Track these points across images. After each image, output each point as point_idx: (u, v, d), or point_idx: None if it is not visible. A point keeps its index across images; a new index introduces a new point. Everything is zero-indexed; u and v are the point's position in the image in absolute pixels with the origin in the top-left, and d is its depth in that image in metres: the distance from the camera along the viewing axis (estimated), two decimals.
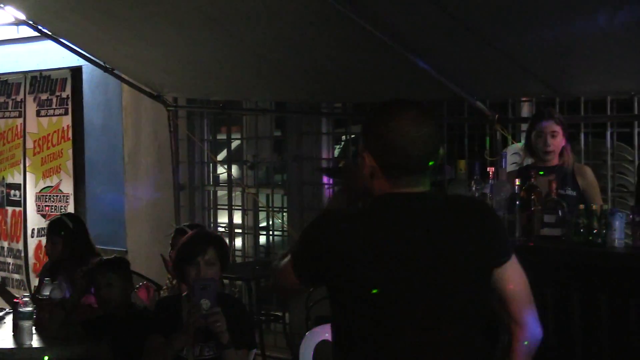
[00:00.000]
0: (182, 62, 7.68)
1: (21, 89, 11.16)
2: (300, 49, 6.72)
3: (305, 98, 8.34)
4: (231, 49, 7.05)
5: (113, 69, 8.31)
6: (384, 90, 7.24)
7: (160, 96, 8.51)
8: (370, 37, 5.89)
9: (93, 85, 10.09)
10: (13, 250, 11.34)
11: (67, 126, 10.56)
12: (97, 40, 7.85)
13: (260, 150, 9.53)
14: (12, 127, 11.30)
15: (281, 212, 9.45)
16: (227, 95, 8.54)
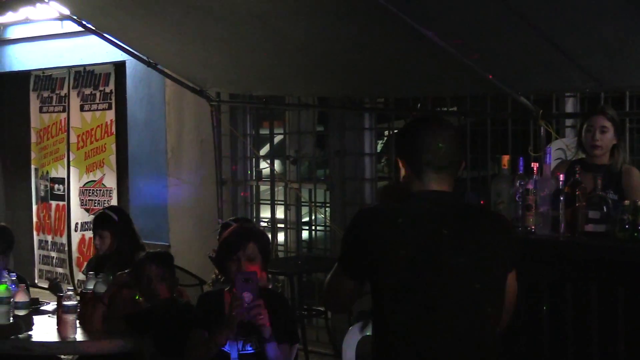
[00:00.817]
0: (225, 58, 7.69)
1: (65, 84, 11.23)
2: (343, 44, 6.70)
3: (347, 93, 8.33)
4: (273, 44, 7.05)
5: (156, 63, 8.34)
6: (426, 86, 7.22)
7: (203, 91, 8.53)
8: (413, 31, 5.86)
9: (136, 80, 10.13)
10: (57, 244, 11.42)
11: (110, 121, 10.61)
12: (140, 36, 7.88)
13: (303, 145, 9.53)
14: (56, 122, 11.38)
15: (323, 207, 9.44)
16: (270, 91, 8.55)
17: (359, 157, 8.97)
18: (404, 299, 3.39)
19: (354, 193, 9.01)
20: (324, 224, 9.49)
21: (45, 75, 11.53)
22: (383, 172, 9.28)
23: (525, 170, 5.30)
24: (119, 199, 10.48)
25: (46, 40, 11.19)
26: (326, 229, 9.46)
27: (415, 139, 3.54)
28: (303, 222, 9.65)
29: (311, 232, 9.68)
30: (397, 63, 6.85)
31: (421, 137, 3.53)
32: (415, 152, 3.53)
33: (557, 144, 6.98)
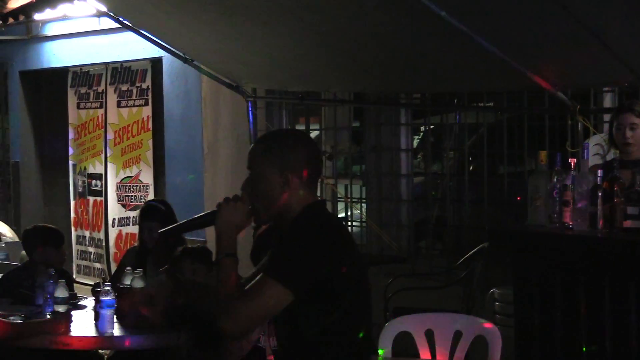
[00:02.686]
0: (261, 54, 7.69)
1: (102, 80, 11.28)
2: (379, 40, 6.68)
3: (383, 89, 8.31)
4: (308, 41, 7.04)
5: (193, 59, 8.36)
6: (462, 81, 7.19)
7: (240, 87, 8.54)
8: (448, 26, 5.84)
9: (173, 76, 10.16)
10: (94, 240, 11.49)
11: (147, 117, 10.65)
12: (176, 32, 7.90)
13: (339, 140, 9.52)
14: (93, 118, 11.44)
15: (360, 203, 9.44)
16: (306, 86, 8.55)
17: (395, 152, 8.96)
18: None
19: (390, 188, 9.00)
20: (360, 220, 9.48)
21: (83, 71, 11.59)
22: (419, 168, 9.26)
23: (563, 166, 5.28)
24: (156, 194, 10.51)
25: (84, 37, 11.26)
26: (362, 225, 9.45)
27: (305, 151, 3.62)
28: (339, 217, 9.65)
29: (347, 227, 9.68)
30: (433, 58, 6.83)
31: (307, 148, 3.65)
32: (309, 165, 3.61)
33: (595, 139, 6.93)
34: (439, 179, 8.95)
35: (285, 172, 3.56)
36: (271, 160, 3.58)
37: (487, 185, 8.34)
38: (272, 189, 3.57)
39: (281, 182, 3.56)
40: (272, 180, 3.57)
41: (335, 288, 3.46)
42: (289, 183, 3.56)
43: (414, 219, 9.05)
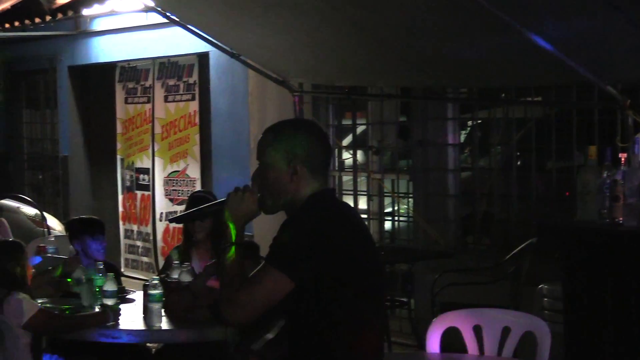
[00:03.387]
0: (307, 49, 7.69)
1: (150, 75, 11.34)
2: (426, 34, 6.65)
3: (430, 84, 8.28)
4: (355, 36, 7.03)
5: (239, 54, 8.38)
6: (511, 75, 7.14)
7: (286, 82, 8.54)
8: (496, 20, 5.80)
9: (220, 70, 10.19)
10: (142, 234, 11.56)
11: (194, 111, 10.69)
12: (223, 27, 7.92)
13: (386, 135, 9.50)
14: (140, 113, 11.50)
15: (406, 198, 9.41)
16: (352, 81, 8.53)
17: (442, 147, 8.92)
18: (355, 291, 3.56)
19: (436, 183, 8.96)
20: (406, 215, 9.46)
21: (131, 66, 11.66)
22: (466, 163, 9.22)
23: (613, 161, 5.23)
24: (202, 189, 10.55)
25: (131, 32, 11.32)
26: (409, 220, 9.43)
27: (310, 140, 3.64)
28: (385, 212, 9.64)
29: (394, 222, 9.66)
30: (481, 53, 6.78)
31: (315, 137, 3.67)
32: (316, 153, 3.64)
33: None
34: (486, 174, 8.90)
35: (293, 161, 3.59)
36: (279, 150, 3.61)
37: (535, 180, 8.29)
38: (280, 178, 3.60)
39: (289, 172, 3.59)
40: (280, 170, 3.60)
41: (338, 277, 3.46)
42: (297, 172, 3.58)
43: (461, 214, 9.01)
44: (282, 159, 3.59)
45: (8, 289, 5.56)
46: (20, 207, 10.61)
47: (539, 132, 8.33)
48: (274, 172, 3.61)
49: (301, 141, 3.62)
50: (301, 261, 3.43)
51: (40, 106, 13.55)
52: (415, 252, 8.84)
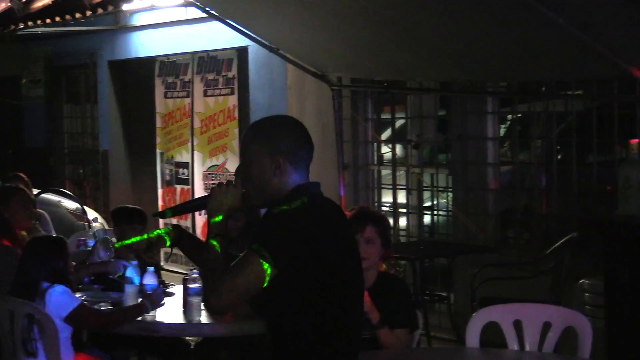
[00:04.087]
0: (345, 44, 7.68)
1: (189, 69, 11.37)
2: (465, 28, 6.62)
3: (470, 77, 8.24)
4: (393, 31, 7.01)
5: (278, 48, 8.38)
6: (551, 69, 7.09)
7: (325, 76, 8.54)
8: (535, 13, 5.76)
9: (259, 65, 10.20)
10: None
11: (233, 106, 10.72)
12: (262, 22, 7.93)
13: (425, 129, 9.48)
14: (180, 107, 11.54)
15: (446, 192, 9.39)
16: (391, 75, 8.51)
17: (482, 141, 8.88)
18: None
19: (476, 177, 8.93)
20: (446, 209, 9.43)
21: (170, 61, 11.70)
22: (506, 157, 9.17)
23: None
24: None
25: (171, 26, 11.36)
26: (448, 214, 9.40)
27: (292, 135, 3.71)
28: (425, 206, 9.61)
29: (433, 216, 9.63)
30: (520, 47, 6.74)
31: (296, 132, 3.73)
32: (298, 148, 3.69)
33: None
34: (526, 168, 8.85)
35: (276, 156, 3.64)
36: (262, 145, 3.67)
37: (576, 174, 8.23)
38: (263, 173, 3.66)
39: (272, 167, 3.64)
40: (264, 164, 3.65)
41: (318, 266, 3.52)
42: (280, 167, 3.64)
43: (501, 208, 8.97)
44: (265, 153, 3.65)
45: (51, 283, 5.60)
46: (61, 201, 10.67)
47: (579, 125, 8.27)
48: (257, 167, 3.67)
49: (283, 136, 3.69)
50: (283, 248, 3.49)
51: (80, 101, 13.63)
52: (454, 246, 8.82)
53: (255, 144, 3.68)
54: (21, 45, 14.16)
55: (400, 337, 4.95)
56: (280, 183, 3.66)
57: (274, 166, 3.64)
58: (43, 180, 11.76)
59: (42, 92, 14.10)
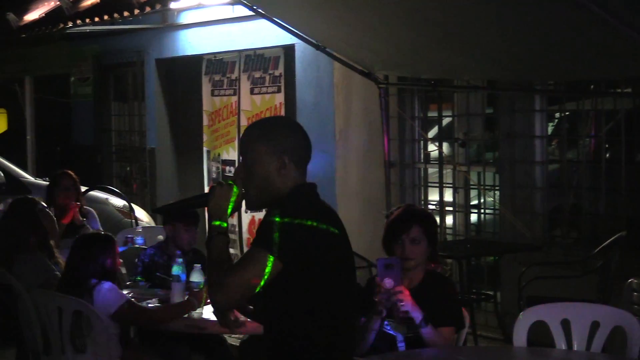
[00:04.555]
0: (392, 44, 7.67)
1: (236, 68, 11.40)
2: (513, 27, 6.58)
3: (515, 77, 8.19)
4: (440, 30, 6.99)
5: (325, 47, 8.38)
6: (599, 68, 7.03)
7: (372, 74, 8.53)
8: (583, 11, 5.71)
9: (305, 63, 10.21)
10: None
11: (279, 104, 10.73)
12: (308, 20, 7.94)
13: (472, 127, 9.44)
14: (227, 105, 11.57)
15: (493, 190, 9.34)
16: (438, 74, 8.49)
17: (529, 139, 8.83)
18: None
19: (524, 176, 8.87)
20: (493, 207, 9.38)
21: (217, 59, 11.74)
22: (554, 155, 9.11)
23: None
24: None
25: (218, 25, 11.39)
26: (495, 212, 9.35)
27: (295, 135, 3.79)
28: (472, 205, 9.58)
29: (480, 215, 9.59)
30: (568, 45, 6.69)
31: (299, 133, 3.82)
32: (300, 148, 3.77)
33: None
34: (574, 166, 8.79)
35: (281, 155, 3.69)
36: (267, 144, 3.70)
37: (624, 172, 8.16)
38: (268, 172, 3.70)
39: (277, 166, 3.70)
40: (268, 163, 3.70)
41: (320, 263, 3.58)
42: (285, 166, 3.69)
43: (549, 207, 8.91)
44: (269, 152, 3.70)
45: (99, 279, 5.65)
46: (108, 199, 10.76)
47: (628, 123, 8.20)
48: (261, 166, 3.70)
49: (288, 136, 3.76)
50: (288, 242, 3.52)
51: (128, 99, 13.72)
52: (501, 245, 8.77)
53: (260, 143, 3.72)
54: (70, 44, 14.28)
55: (445, 335, 4.94)
56: (283, 183, 3.71)
57: (279, 166, 3.69)
58: (91, 178, 11.85)
59: (90, 90, 14.20)
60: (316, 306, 3.61)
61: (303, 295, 3.59)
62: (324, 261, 3.60)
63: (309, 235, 3.56)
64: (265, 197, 3.73)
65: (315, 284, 3.59)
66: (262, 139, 3.72)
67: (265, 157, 3.69)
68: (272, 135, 3.73)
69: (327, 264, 3.62)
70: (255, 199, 3.76)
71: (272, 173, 3.70)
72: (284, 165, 3.69)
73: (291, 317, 3.62)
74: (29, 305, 5.96)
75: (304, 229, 3.56)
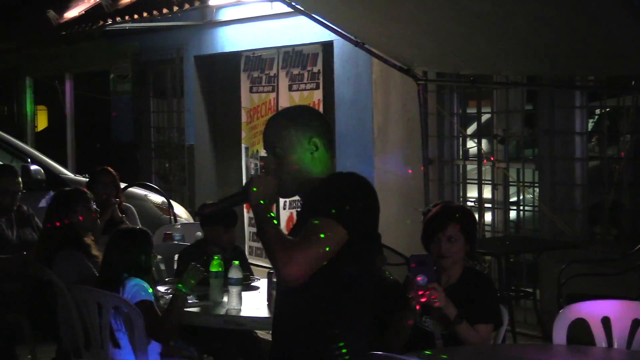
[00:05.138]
0: (431, 38, 7.64)
1: (274, 64, 11.42)
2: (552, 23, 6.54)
3: (557, 72, 8.14)
4: (479, 25, 6.95)
5: (363, 43, 8.37)
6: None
7: (410, 70, 8.50)
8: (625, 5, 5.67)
9: (344, 59, 10.20)
10: None
11: (318, 100, 10.73)
12: (347, 16, 7.93)
13: (511, 124, 9.39)
14: (265, 102, 11.59)
15: (532, 187, 9.29)
16: (477, 69, 8.45)
17: (569, 135, 8.77)
18: None
19: (563, 173, 8.82)
20: (532, 204, 9.33)
21: (255, 56, 11.76)
22: (594, 152, 9.04)
23: None
24: None
25: (256, 21, 11.42)
26: (534, 209, 9.30)
27: (320, 118, 3.84)
28: (511, 202, 9.53)
29: (519, 212, 9.54)
30: (609, 40, 6.64)
31: (322, 116, 3.89)
32: (328, 132, 3.79)
33: None
34: (614, 163, 8.72)
35: (313, 139, 3.71)
36: (297, 130, 3.73)
37: None
38: (300, 158, 3.72)
39: (310, 150, 3.72)
40: (301, 148, 3.72)
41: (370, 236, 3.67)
42: (317, 149, 3.72)
43: (588, 204, 8.85)
44: (301, 138, 3.72)
45: (132, 275, 5.65)
46: (147, 195, 10.80)
47: None
48: (293, 152, 3.73)
49: (313, 118, 3.78)
50: (354, 213, 3.57)
51: (167, 96, 13.77)
52: (540, 242, 8.73)
53: (290, 130, 3.73)
54: (109, 41, 14.36)
55: (482, 333, 4.91)
56: (317, 167, 3.73)
57: (312, 149, 3.72)
58: (130, 174, 11.91)
59: (129, 87, 14.28)
60: (359, 280, 3.67)
61: (354, 267, 3.64)
62: (374, 235, 3.68)
63: (366, 206, 3.62)
64: (297, 184, 3.75)
65: (365, 256, 3.67)
66: (291, 125, 3.74)
67: (296, 143, 3.71)
68: (300, 120, 3.75)
69: (375, 238, 3.71)
70: (289, 185, 3.76)
71: (305, 158, 3.72)
72: (317, 148, 3.72)
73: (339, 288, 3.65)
74: (69, 301, 6.01)
75: (360, 199, 3.61)
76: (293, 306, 3.72)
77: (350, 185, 3.65)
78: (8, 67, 18.11)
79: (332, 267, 3.57)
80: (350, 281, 3.65)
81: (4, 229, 7.39)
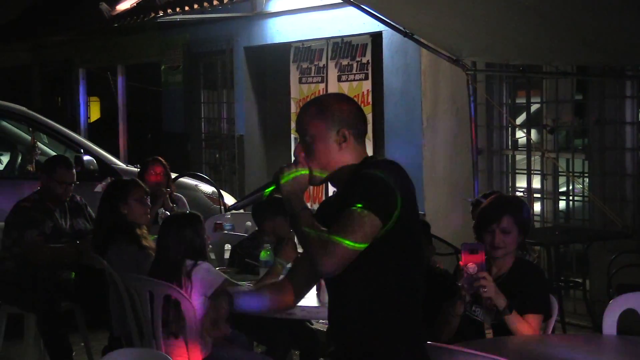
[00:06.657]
0: (481, 29, 7.63)
1: (323, 55, 11.45)
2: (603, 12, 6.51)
3: (606, 62, 8.09)
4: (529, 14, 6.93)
5: (412, 33, 8.37)
6: None
7: (459, 60, 8.49)
8: None
9: (393, 50, 10.21)
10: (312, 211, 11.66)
11: (367, 91, 10.75)
12: (396, 7, 7.93)
13: (561, 114, 9.35)
14: (314, 92, 11.62)
15: (582, 177, 9.25)
16: (527, 59, 8.42)
17: (620, 125, 8.73)
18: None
19: (614, 163, 8.78)
20: (582, 194, 9.29)
21: (305, 46, 11.79)
22: None
23: None
24: None
25: (305, 12, 11.45)
26: (584, 200, 9.26)
27: (354, 109, 3.77)
28: (560, 192, 9.49)
29: (568, 202, 9.50)
30: None
31: (356, 107, 3.80)
32: (359, 121, 3.76)
33: None
34: None
35: (341, 129, 3.69)
36: (326, 119, 3.71)
37: None
38: (329, 147, 3.71)
39: (338, 139, 3.70)
40: (329, 138, 3.70)
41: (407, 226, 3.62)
42: (346, 139, 3.69)
43: (639, 194, 8.80)
44: (330, 127, 3.70)
45: (194, 260, 5.68)
46: (198, 185, 10.89)
47: None
48: (321, 142, 3.71)
49: (345, 109, 3.75)
50: (388, 203, 3.55)
51: (217, 87, 13.85)
52: (590, 232, 8.69)
53: (319, 119, 3.73)
54: (160, 33, 14.48)
55: (532, 323, 4.92)
56: (346, 157, 3.72)
57: (341, 139, 3.70)
58: (181, 165, 12.01)
59: (180, 78, 14.38)
60: (404, 264, 3.68)
61: (400, 256, 3.65)
62: (411, 220, 3.66)
63: (402, 195, 3.58)
64: (327, 173, 3.75)
65: (410, 244, 3.67)
66: (321, 114, 3.73)
67: (325, 133, 3.71)
68: (330, 110, 3.74)
69: (414, 229, 3.69)
70: (319, 175, 3.76)
71: (333, 148, 3.71)
72: (345, 138, 3.70)
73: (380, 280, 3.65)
74: (122, 290, 6.08)
75: (394, 188, 3.57)
76: (343, 296, 3.74)
77: (382, 172, 3.60)
78: (61, 59, 18.33)
79: (377, 256, 3.58)
80: (398, 270, 3.65)
81: (57, 219, 7.49)
